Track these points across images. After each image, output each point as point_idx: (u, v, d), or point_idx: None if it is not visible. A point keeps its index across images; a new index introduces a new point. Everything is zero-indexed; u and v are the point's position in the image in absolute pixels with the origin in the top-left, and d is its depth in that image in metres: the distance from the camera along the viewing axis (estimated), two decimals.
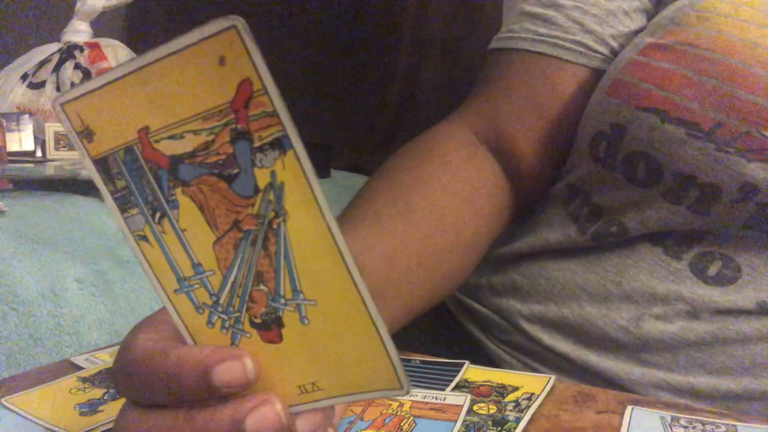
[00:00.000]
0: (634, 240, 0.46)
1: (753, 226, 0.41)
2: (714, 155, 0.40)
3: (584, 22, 0.51)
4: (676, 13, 0.44)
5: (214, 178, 0.22)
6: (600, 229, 0.47)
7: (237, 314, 0.24)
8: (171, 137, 0.22)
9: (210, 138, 0.21)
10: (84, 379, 0.38)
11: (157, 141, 0.22)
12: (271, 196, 0.21)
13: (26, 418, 0.33)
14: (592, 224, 0.48)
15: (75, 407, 0.34)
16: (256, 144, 0.21)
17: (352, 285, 0.22)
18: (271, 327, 0.24)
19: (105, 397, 0.35)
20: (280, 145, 0.21)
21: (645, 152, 0.43)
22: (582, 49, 0.51)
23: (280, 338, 0.24)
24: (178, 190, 0.23)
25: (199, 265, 0.24)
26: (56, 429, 0.32)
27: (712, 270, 0.43)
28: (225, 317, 0.24)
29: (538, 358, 0.50)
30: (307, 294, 0.22)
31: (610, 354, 0.46)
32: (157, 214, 0.24)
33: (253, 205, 0.22)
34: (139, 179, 0.23)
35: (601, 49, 0.51)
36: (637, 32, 0.50)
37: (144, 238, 0.24)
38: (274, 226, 0.22)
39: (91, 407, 0.34)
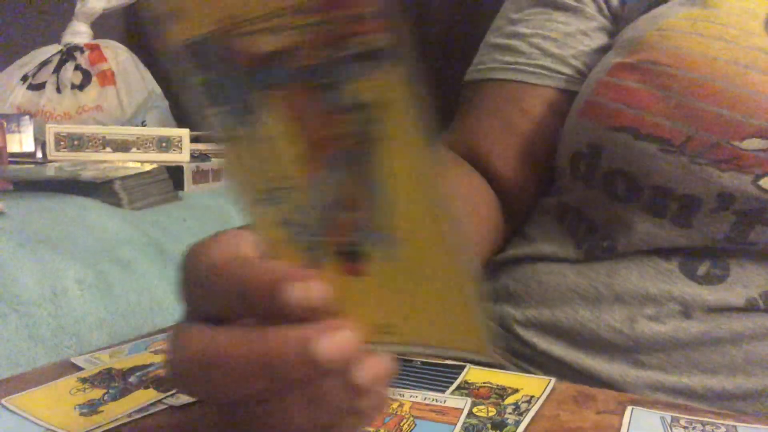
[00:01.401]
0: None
1: (735, 238, 0.42)
2: (688, 167, 0.41)
3: (545, 47, 0.54)
4: (638, 33, 0.45)
5: (310, 84, 0.19)
6: (592, 243, 0.48)
7: (321, 238, 0.21)
8: (263, 30, 0.19)
9: (307, 38, 0.18)
10: (84, 380, 0.38)
11: (249, 34, 0.19)
12: (370, 114, 0.18)
13: (26, 418, 0.33)
14: (587, 239, 0.49)
15: (75, 407, 0.34)
16: (357, 50, 0.18)
17: (446, 229, 0.19)
18: (354, 258, 0.21)
19: (105, 398, 0.35)
20: (385, 55, 0.17)
21: (622, 169, 0.44)
22: (545, 72, 0.53)
23: (363, 272, 0.21)
24: (271, 93, 0.20)
25: (287, 177, 0.21)
26: (56, 429, 0.32)
27: (702, 270, 0.43)
28: (308, 238, 0.22)
29: (533, 362, 0.51)
30: (399, 229, 0.20)
31: (604, 356, 0.46)
32: (247, 116, 0.21)
33: (350, 121, 0.19)
34: (228, 74, 0.21)
35: (564, 69, 0.53)
36: (599, 50, 0.52)
37: (231, 138, 0.22)
38: (370, 149, 0.19)
39: (91, 407, 0.34)
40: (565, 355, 0.48)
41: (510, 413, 0.33)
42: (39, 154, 1.05)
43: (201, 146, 1.03)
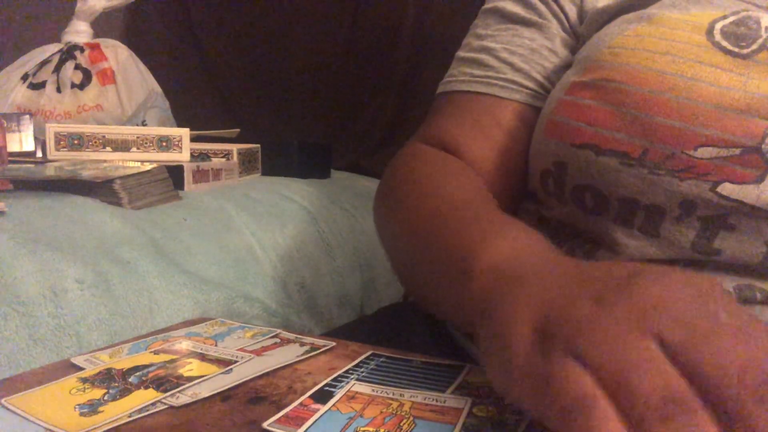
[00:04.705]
0: None
1: (701, 246, 0.42)
2: (648, 179, 0.42)
3: (513, 62, 0.55)
4: (591, 51, 0.47)
5: None
6: (574, 244, 0.49)
7: None
8: None
9: None
10: (84, 380, 0.38)
11: None
12: None
13: (26, 418, 0.33)
14: (568, 241, 0.49)
15: (75, 407, 0.34)
16: None
17: None
18: None
19: (105, 398, 0.35)
20: None
21: (588, 184, 0.45)
22: (514, 86, 0.54)
23: None
24: None
25: None
26: (56, 429, 0.32)
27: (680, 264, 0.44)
28: None
29: None
30: None
31: None
32: None
33: None
34: None
35: (529, 84, 0.54)
36: (563, 66, 0.53)
37: None
38: None
39: (91, 407, 0.34)
40: None
41: (510, 413, 0.33)
42: (39, 154, 1.05)
43: (201, 146, 1.03)
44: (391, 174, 0.55)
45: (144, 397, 0.35)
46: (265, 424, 0.31)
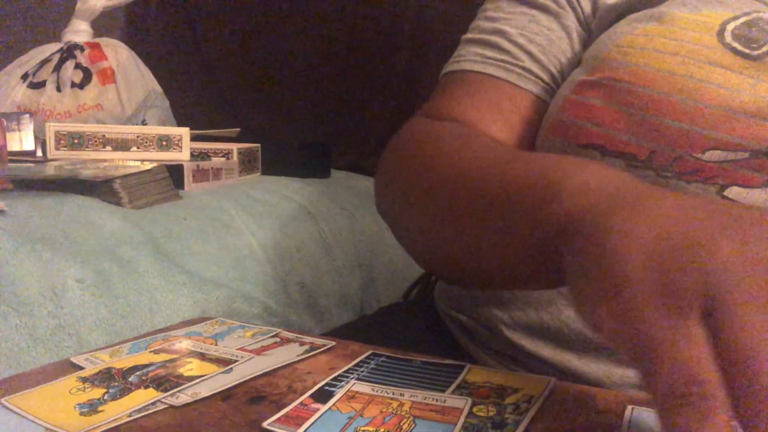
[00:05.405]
0: None
1: None
2: (655, 181, 0.41)
3: (532, 51, 0.52)
4: (599, 50, 0.46)
5: None
6: None
7: None
8: None
9: None
10: (84, 379, 0.38)
11: None
12: None
13: (26, 418, 0.33)
14: None
15: (75, 407, 0.34)
16: None
17: None
18: None
19: (105, 397, 0.35)
20: None
21: None
22: (531, 77, 0.52)
23: None
24: None
25: None
26: (56, 429, 0.32)
27: None
28: None
29: (523, 365, 0.51)
30: None
31: (590, 356, 0.46)
32: None
33: None
34: None
35: (546, 78, 0.52)
36: (576, 62, 0.52)
37: None
38: None
39: (91, 407, 0.34)
40: (552, 356, 0.48)
41: (510, 413, 0.33)
42: (39, 153, 1.05)
43: (201, 145, 1.03)
44: (403, 144, 0.51)
45: (144, 396, 0.35)
46: (265, 424, 0.31)
